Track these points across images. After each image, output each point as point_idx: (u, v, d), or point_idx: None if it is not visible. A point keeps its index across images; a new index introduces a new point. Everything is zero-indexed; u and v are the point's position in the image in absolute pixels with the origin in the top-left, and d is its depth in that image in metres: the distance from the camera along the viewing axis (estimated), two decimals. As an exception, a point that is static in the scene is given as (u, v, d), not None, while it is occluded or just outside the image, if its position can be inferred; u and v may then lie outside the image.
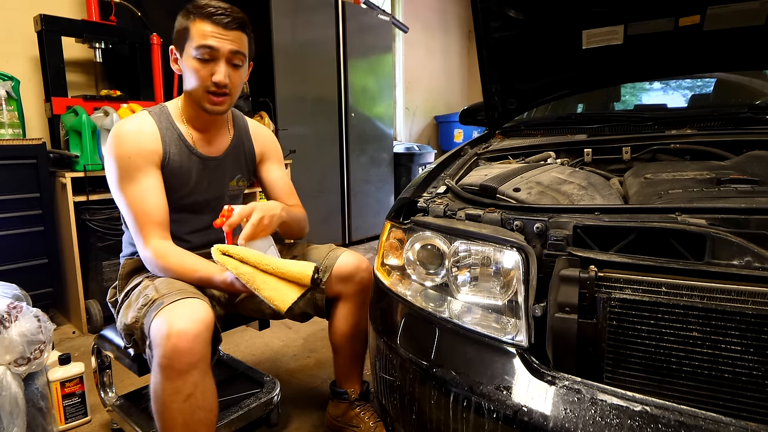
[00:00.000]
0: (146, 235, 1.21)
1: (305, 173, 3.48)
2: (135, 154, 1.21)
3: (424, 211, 1.12)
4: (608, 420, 0.72)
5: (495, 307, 0.93)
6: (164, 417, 1.07)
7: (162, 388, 1.05)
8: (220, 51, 1.20)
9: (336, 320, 1.43)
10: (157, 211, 1.22)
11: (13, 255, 2.18)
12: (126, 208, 1.23)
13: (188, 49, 1.21)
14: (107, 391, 1.52)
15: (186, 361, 1.03)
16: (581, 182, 1.16)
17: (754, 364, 0.70)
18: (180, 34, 1.23)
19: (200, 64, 1.21)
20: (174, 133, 1.29)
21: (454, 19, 6.19)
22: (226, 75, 1.22)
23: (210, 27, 1.19)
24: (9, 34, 2.51)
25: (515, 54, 1.56)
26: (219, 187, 1.40)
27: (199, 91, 1.24)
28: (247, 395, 1.52)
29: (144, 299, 1.16)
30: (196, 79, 1.22)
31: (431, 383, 0.91)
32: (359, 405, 1.48)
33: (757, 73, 1.88)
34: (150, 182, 1.23)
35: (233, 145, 1.42)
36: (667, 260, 0.78)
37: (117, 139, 1.22)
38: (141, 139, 1.23)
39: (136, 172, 1.21)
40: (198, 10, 1.20)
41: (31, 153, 2.20)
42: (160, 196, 1.24)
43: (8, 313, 1.31)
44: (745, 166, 1.11)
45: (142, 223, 1.21)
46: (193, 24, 1.20)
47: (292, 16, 3.28)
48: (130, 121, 1.27)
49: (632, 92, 2.33)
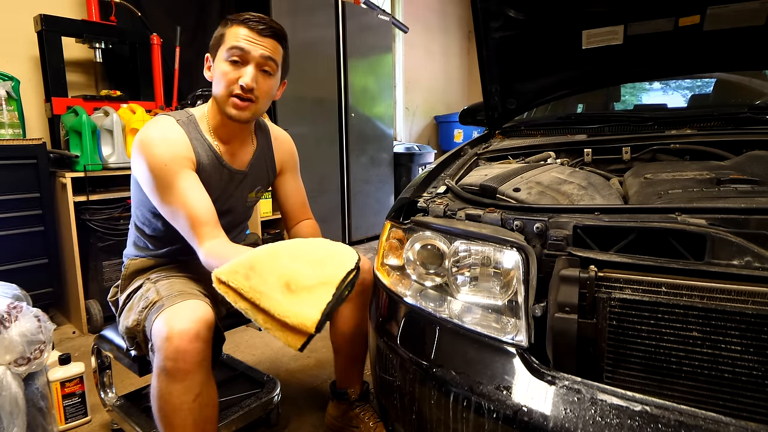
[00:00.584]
0: (199, 239, 1.15)
1: (305, 173, 3.42)
2: (170, 160, 1.16)
3: (424, 211, 1.12)
4: (608, 420, 0.72)
5: (495, 307, 0.93)
6: (174, 419, 1.06)
7: (170, 391, 1.04)
8: (251, 54, 1.17)
9: (337, 321, 1.42)
10: (203, 212, 1.16)
11: (13, 255, 2.18)
12: (172, 216, 1.18)
13: (220, 53, 1.19)
14: (107, 391, 1.52)
15: (190, 360, 1.03)
16: (581, 182, 1.16)
17: (754, 364, 0.70)
18: (216, 41, 1.21)
19: (230, 66, 1.17)
20: (204, 143, 1.25)
21: (454, 20, 6.19)
22: (254, 79, 1.18)
23: (244, 31, 1.17)
24: (9, 34, 2.51)
25: (515, 54, 1.56)
26: (240, 199, 1.39)
27: (225, 95, 1.19)
28: (248, 395, 1.52)
29: (145, 302, 1.17)
30: (223, 82, 1.18)
31: (431, 383, 0.91)
32: (359, 405, 1.47)
33: (757, 73, 1.88)
34: (189, 184, 1.17)
35: (256, 157, 1.38)
36: (667, 260, 0.78)
37: (147, 147, 1.16)
38: (173, 143, 1.19)
39: (173, 177, 1.16)
40: (236, 18, 1.19)
41: (31, 153, 2.20)
42: (203, 196, 1.18)
43: (8, 313, 1.31)
44: (745, 166, 1.11)
45: (191, 227, 1.15)
46: (229, 29, 1.19)
47: (292, 16, 3.28)
48: (157, 127, 1.20)
49: (632, 92, 2.33)
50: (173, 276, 1.28)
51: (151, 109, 2.57)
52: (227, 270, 0.99)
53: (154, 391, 1.07)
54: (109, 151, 2.34)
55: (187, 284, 1.23)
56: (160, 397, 1.06)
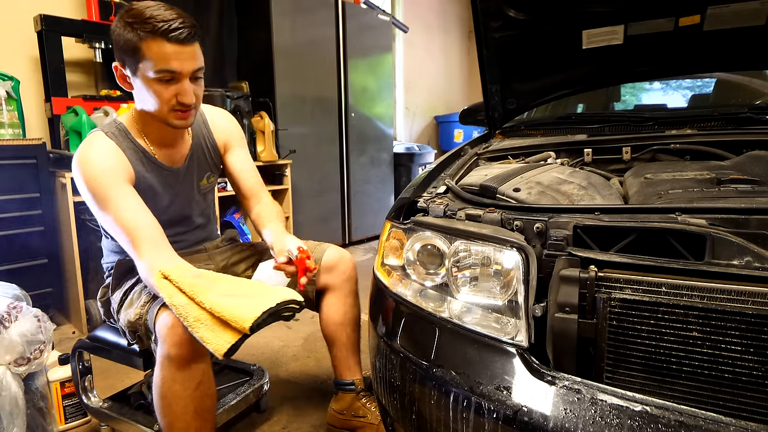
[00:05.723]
0: (138, 252, 1.15)
1: (305, 173, 3.49)
2: (103, 177, 1.15)
3: (424, 211, 1.12)
4: (608, 420, 0.71)
5: (495, 307, 0.93)
6: (176, 407, 1.09)
7: (173, 378, 1.08)
8: (183, 72, 1.14)
9: (326, 310, 1.47)
10: (140, 226, 1.15)
11: (13, 255, 2.18)
12: (112, 231, 1.18)
13: (144, 70, 1.12)
14: (89, 396, 1.50)
15: (194, 348, 1.06)
16: (581, 182, 1.16)
17: (754, 364, 0.70)
18: (126, 51, 1.13)
19: (162, 86, 1.14)
20: (138, 151, 1.25)
21: (454, 19, 6.19)
22: (192, 92, 1.17)
23: (168, 47, 1.10)
24: (9, 34, 2.51)
25: (515, 54, 1.56)
26: (190, 192, 1.40)
27: (164, 110, 1.18)
28: (240, 383, 1.60)
29: (147, 296, 1.20)
30: (158, 101, 1.16)
31: (431, 383, 0.91)
32: (365, 395, 1.48)
33: (757, 73, 1.88)
34: (125, 199, 1.17)
35: (194, 147, 1.37)
36: (667, 260, 0.78)
37: (82, 165, 1.16)
38: (107, 158, 1.18)
39: (108, 193, 1.15)
40: (145, 26, 1.09)
41: (31, 153, 2.20)
42: (142, 211, 1.18)
43: (8, 313, 1.31)
44: (745, 166, 1.11)
45: (129, 241, 1.15)
46: (145, 44, 1.09)
47: (292, 16, 3.28)
48: (90, 144, 1.20)
49: (632, 92, 2.33)
50: None
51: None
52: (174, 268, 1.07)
53: (158, 380, 1.09)
54: (109, 151, 2.34)
55: None
56: (163, 385, 1.09)
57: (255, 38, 3.28)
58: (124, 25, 1.12)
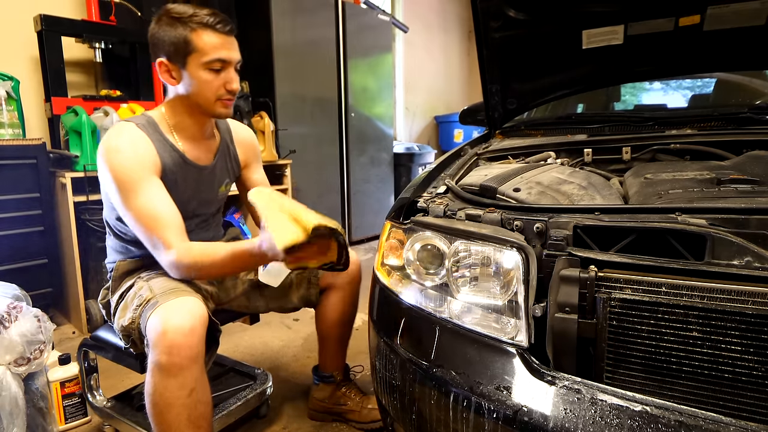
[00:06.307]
0: (165, 243, 1.16)
1: (305, 173, 3.48)
2: (134, 167, 1.18)
3: (424, 211, 1.12)
4: (608, 420, 0.72)
5: (495, 307, 0.93)
6: (168, 415, 1.07)
7: (164, 386, 1.06)
8: (232, 61, 1.23)
9: (327, 308, 1.52)
10: (169, 217, 1.18)
11: (13, 255, 2.18)
12: (135, 222, 1.19)
13: (195, 61, 1.19)
14: (95, 394, 1.50)
15: (185, 355, 1.05)
16: (581, 182, 1.16)
17: (754, 364, 0.70)
18: (179, 47, 1.19)
19: (212, 75, 1.22)
20: (166, 144, 1.27)
21: (454, 19, 6.19)
22: (238, 81, 1.26)
23: (218, 37, 1.20)
24: (9, 34, 2.51)
25: (515, 54, 1.56)
26: (210, 194, 1.41)
27: (212, 99, 1.24)
28: (243, 387, 1.59)
29: (139, 300, 1.18)
30: (208, 89, 1.23)
31: (431, 383, 0.91)
32: (344, 384, 1.60)
33: (757, 73, 1.88)
34: (155, 190, 1.19)
35: (221, 150, 1.41)
36: (667, 260, 0.78)
37: (110, 153, 1.18)
38: (136, 149, 1.20)
39: (138, 184, 1.17)
40: (194, 19, 1.18)
41: (31, 153, 2.20)
42: (168, 202, 1.20)
43: (8, 313, 1.31)
44: (745, 166, 1.11)
45: (156, 232, 1.16)
46: (196, 35, 1.18)
47: (292, 16, 3.28)
48: (119, 133, 1.22)
49: (632, 92, 2.33)
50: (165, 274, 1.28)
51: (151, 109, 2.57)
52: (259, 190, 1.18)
53: (149, 387, 1.08)
54: (109, 151, 2.34)
55: (179, 282, 1.23)
56: (155, 393, 1.07)
57: (255, 38, 3.28)
58: (170, 22, 1.19)
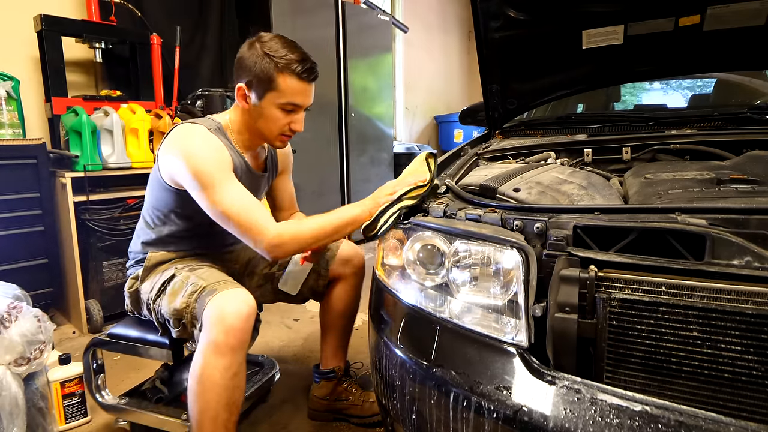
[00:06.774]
0: (263, 227, 1.20)
1: (305, 173, 3.48)
2: (218, 167, 1.23)
3: (424, 211, 1.12)
4: (608, 420, 0.72)
5: (495, 307, 0.93)
6: (210, 393, 1.14)
7: (214, 365, 1.13)
8: (304, 106, 1.32)
9: (333, 299, 1.57)
10: (258, 206, 1.24)
11: (13, 255, 2.18)
12: (225, 215, 1.22)
13: (272, 98, 1.27)
14: (102, 393, 1.50)
15: (239, 337, 1.14)
16: (581, 182, 1.16)
17: (754, 364, 0.70)
18: (262, 80, 1.25)
19: (282, 114, 1.29)
20: (233, 150, 1.34)
21: (454, 19, 6.19)
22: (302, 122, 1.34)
23: (299, 85, 1.27)
24: (9, 34, 2.51)
25: (515, 54, 1.56)
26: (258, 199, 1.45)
27: (274, 133, 1.33)
28: (254, 372, 1.67)
29: (193, 287, 1.25)
30: (274, 125, 1.31)
31: (431, 383, 0.91)
32: (345, 380, 1.62)
33: (757, 73, 1.88)
34: (238, 185, 1.25)
35: (268, 160, 1.51)
36: (667, 260, 0.78)
37: (194, 156, 1.22)
38: (217, 151, 1.26)
39: (223, 182, 1.22)
40: (283, 60, 1.24)
41: (31, 153, 2.20)
42: (250, 193, 1.26)
43: (8, 313, 1.31)
44: (745, 166, 1.11)
45: (252, 221, 1.21)
46: (281, 77, 1.25)
47: (292, 16, 3.28)
48: (197, 136, 1.26)
49: (632, 92, 2.33)
50: (204, 266, 1.36)
51: (151, 109, 2.57)
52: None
53: (197, 367, 1.15)
54: (108, 151, 2.35)
55: (221, 274, 1.33)
56: (203, 372, 1.14)
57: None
58: (262, 55, 1.25)
